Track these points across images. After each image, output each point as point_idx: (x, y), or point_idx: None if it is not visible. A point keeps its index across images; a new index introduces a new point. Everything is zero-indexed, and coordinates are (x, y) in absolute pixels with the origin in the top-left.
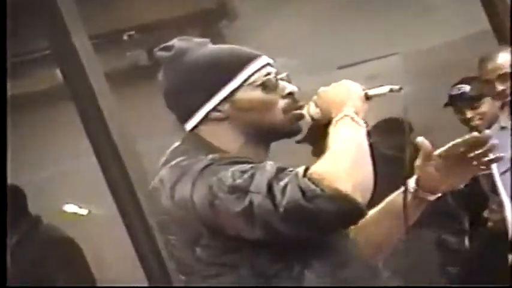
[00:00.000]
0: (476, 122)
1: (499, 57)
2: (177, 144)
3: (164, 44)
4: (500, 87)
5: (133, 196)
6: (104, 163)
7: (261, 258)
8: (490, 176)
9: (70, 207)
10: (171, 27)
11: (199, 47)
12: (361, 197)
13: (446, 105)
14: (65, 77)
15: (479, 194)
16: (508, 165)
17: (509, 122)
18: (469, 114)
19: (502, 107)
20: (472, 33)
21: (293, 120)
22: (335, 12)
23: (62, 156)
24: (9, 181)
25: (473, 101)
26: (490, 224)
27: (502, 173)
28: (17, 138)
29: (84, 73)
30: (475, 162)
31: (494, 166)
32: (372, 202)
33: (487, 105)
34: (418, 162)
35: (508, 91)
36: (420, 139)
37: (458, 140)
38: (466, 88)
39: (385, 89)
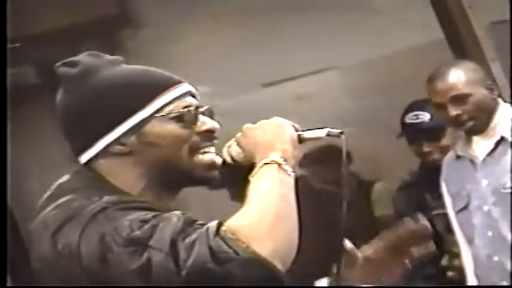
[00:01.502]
0: (435, 157)
1: (451, 75)
2: (66, 178)
3: (69, 59)
4: (453, 112)
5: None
6: None
7: None
8: (445, 215)
9: None
10: (64, 38)
11: (110, 66)
12: (281, 263)
13: (399, 136)
14: None
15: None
16: (465, 201)
17: (466, 149)
18: (426, 148)
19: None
20: (422, 43)
21: (203, 166)
22: (260, 21)
23: None
24: None
25: (433, 132)
26: (449, 273)
27: (460, 211)
28: None
29: None
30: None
31: (448, 203)
32: (300, 247)
33: (449, 138)
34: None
35: (464, 117)
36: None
37: (389, 234)
38: (425, 117)
39: (322, 132)
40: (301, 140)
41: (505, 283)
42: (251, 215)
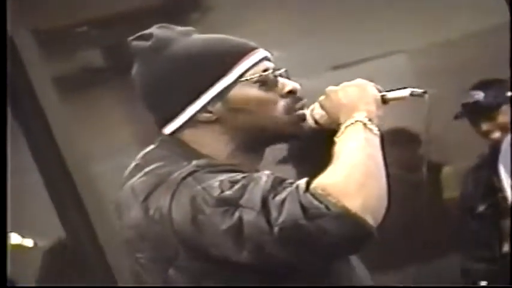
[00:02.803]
0: (496, 135)
1: None
2: (151, 147)
3: (140, 33)
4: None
5: (88, 225)
6: (52, 187)
7: (246, 286)
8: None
9: (14, 238)
10: (131, 21)
11: (183, 36)
12: (372, 218)
13: (456, 117)
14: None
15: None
16: None
17: None
18: (484, 126)
19: None
20: (490, 26)
21: (295, 122)
22: (327, 6)
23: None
24: None
25: (488, 110)
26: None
27: None
28: None
29: (26, 77)
30: None
31: (506, 184)
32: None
33: (505, 115)
34: None
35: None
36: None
37: None
38: (480, 95)
39: (405, 92)
40: (384, 100)
41: None
42: (340, 173)
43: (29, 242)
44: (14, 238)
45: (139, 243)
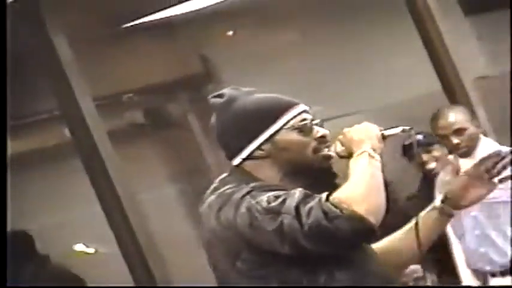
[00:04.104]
0: (431, 165)
1: (452, 115)
2: (224, 175)
3: (217, 92)
4: (455, 140)
5: (134, 237)
6: (108, 210)
7: (291, 271)
8: None
9: (79, 247)
10: (164, 90)
11: (246, 95)
12: (374, 219)
13: (404, 152)
14: (72, 134)
15: None
16: None
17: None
18: (424, 157)
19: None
20: (425, 93)
21: (322, 160)
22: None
23: (71, 205)
24: (22, 227)
25: (427, 146)
26: None
27: None
28: (30, 189)
29: (88, 131)
30: (494, 179)
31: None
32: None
33: (439, 150)
34: (447, 177)
35: (462, 144)
36: (451, 157)
37: (484, 156)
38: (420, 136)
39: (398, 129)
40: (383, 136)
41: (488, 268)
42: (350, 187)
43: (91, 250)
44: (79, 247)
45: (215, 243)
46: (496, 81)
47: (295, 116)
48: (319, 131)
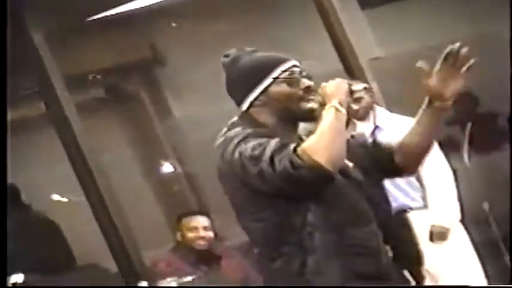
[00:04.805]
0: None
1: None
2: (235, 118)
3: (226, 53)
4: (355, 107)
5: (98, 190)
6: (78, 168)
7: (278, 202)
8: None
9: (55, 197)
10: (121, 71)
11: (248, 54)
12: (333, 167)
13: None
14: (47, 107)
15: None
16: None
17: (353, 129)
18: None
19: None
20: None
21: (307, 111)
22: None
23: (48, 164)
24: (10, 181)
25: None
26: None
27: None
28: (16, 152)
29: (60, 104)
30: (461, 70)
31: None
32: None
33: None
34: (423, 81)
35: (361, 110)
36: (420, 63)
37: (446, 51)
38: None
39: (361, 85)
40: (351, 91)
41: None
42: (314, 139)
43: (65, 199)
44: (56, 197)
45: (227, 173)
46: (386, 62)
47: (284, 71)
48: (305, 83)
